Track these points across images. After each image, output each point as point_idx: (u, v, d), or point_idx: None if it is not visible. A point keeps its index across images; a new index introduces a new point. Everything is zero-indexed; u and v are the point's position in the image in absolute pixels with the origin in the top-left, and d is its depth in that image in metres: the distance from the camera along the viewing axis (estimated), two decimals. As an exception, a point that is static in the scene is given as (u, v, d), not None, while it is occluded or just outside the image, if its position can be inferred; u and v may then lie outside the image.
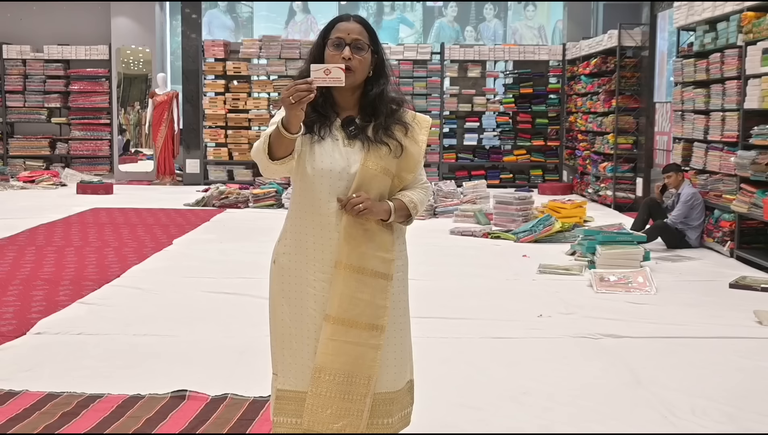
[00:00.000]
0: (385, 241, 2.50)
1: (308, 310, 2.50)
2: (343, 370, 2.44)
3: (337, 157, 2.45)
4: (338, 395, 2.43)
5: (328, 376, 2.44)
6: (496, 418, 3.50)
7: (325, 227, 2.47)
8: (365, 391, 2.46)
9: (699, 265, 7.08)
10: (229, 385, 3.82)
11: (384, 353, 2.50)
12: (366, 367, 2.46)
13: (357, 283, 2.45)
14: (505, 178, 13.98)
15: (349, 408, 2.44)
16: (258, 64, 14.04)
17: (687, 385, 3.96)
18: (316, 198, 2.46)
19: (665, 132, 10.60)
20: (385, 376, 2.51)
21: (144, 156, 15.18)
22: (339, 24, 2.47)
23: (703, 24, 8.23)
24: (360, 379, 2.45)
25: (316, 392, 2.44)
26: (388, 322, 2.50)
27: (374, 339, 2.47)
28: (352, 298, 2.44)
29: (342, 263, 2.45)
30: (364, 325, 2.45)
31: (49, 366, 4.16)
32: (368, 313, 2.46)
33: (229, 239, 8.17)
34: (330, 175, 2.44)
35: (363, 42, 2.45)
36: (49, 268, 6.60)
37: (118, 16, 14.59)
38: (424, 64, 14.02)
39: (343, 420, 2.44)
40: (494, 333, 4.81)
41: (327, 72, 2.23)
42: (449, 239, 8.44)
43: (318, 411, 2.44)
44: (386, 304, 2.49)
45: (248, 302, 5.44)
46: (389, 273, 2.50)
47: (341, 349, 2.44)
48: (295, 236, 2.52)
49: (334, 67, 2.24)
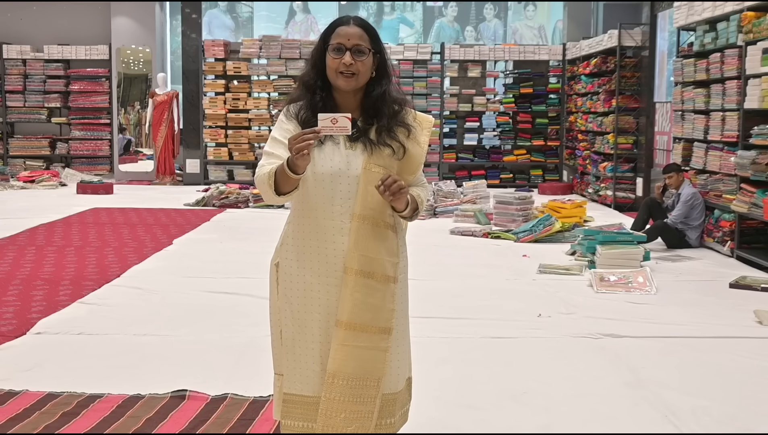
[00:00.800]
0: (392, 244, 2.51)
1: (313, 315, 2.49)
2: (356, 374, 2.44)
3: (337, 160, 2.44)
4: (351, 399, 2.44)
5: (341, 381, 2.44)
6: (496, 418, 3.50)
7: (327, 231, 2.46)
8: (375, 393, 2.47)
9: (699, 265, 7.08)
10: (229, 385, 3.82)
11: (396, 350, 2.52)
12: (376, 369, 2.47)
13: (367, 288, 2.45)
14: (505, 178, 13.98)
15: (360, 411, 2.45)
16: (258, 64, 14.04)
17: (687, 385, 3.96)
18: (318, 202, 2.46)
19: (665, 132, 10.60)
20: (389, 377, 2.52)
21: (144, 156, 15.18)
22: (339, 28, 2.45)
23: (703, 24, 8.22)
24: (371, 381, 2.46)
25: (330, 397, 2.44)
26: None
27: (384, 342, 2.48)
28: (364, 304, 2.44)
29: (352, 269, 2.44)
30: (375, 329, 2.46)
31: (49, 366, 4.16)
32: (378, 317, 2.47)
33: (229, 239, 8.17)
34: (331, 178, 2.43)
35: (364, 46, 2.44)
36: (49, 268, 6.60)
37: (118, 16, 14.59)
38: (424, 64, 14.02)
39: (355, 423, 2.45)
40: (494, 333, 4.81)
41: (334, 121, 2.27)
42: (449, 239, 8.44)
43: (332, 416, 2.44)
44: (394, 306, 2.51)
45: (248, 302, 5.44)
46: (396, 275, 2.52)
47: (353, 354, 2.44)
48: (296, 241, 2.51)
49: (341, 116, 2.27)
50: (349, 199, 2.44)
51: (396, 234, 2.54)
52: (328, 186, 2.44)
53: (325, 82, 2.49)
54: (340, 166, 2.44)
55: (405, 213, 2.47)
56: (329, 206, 2.44)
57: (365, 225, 2.44)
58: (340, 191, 2.44)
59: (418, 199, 2.52)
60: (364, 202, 2.44)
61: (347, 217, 2.44)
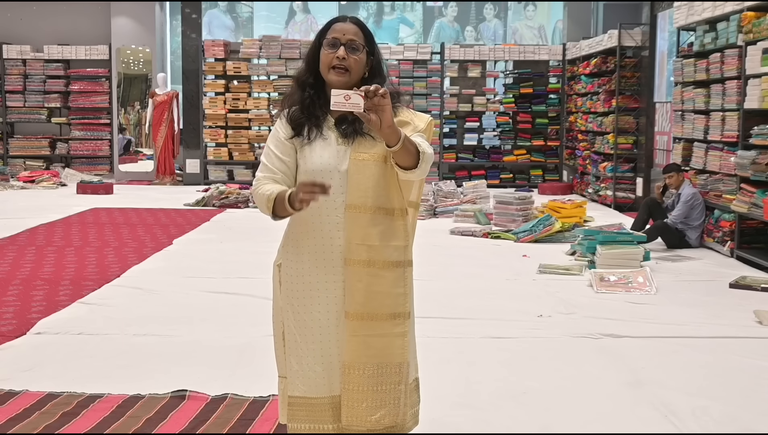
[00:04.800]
0: (392, 228, 2.47)
1: (313, 314, 2.49)
2: (372, 362, 2.44)
3: (326, 157, 2.45)
4: (370, 388, 2.43)
5: (357, 371, 2.44)
6: (496, 418, 3.50)
7: (324, 227, 2.46)
8: (398, 379, 2.46)
9: (699, 265, 7.08)
10: (229, 385, 3.81)
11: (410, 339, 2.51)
12: (395, 355, 2.46)
13: (370, 276, 2.43)
14: (505, 178, 13.98)
15: (383, 399, 2.44)
16: (258, 64, 14.04)
17: (687, 385, 3.96)
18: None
19: (665, 132, 10.61)
20: (413, 364, 2.53)
21: (144, 156, 15.18)
22: (335, 24, 2.46)
23: (703, 24, 8.22)
24: (390, 368, 2.45)
25: (348, 388, 2.44)
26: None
27: (399, 327, 2.47)
28: (368, 292, 2.43)
29: (351, 260, 2.44)
30: (385, 315, 2.45)
31: (49, 366, 4.16)
32: (387, 303, 2.46)
33: (229, 239, 8.17)
34: (321, 175, 2.43)
35: (358, 42, 2.44)
36: (49, 268, 6.60)
37: (118, 16, 14.59)
38: (424, 64, 14.02)
39: (380, 411, 2.44)
40: (494, 333, 4.81)
41: (347, 97, 2.23)
42: (449, 239, 8.44)
43: (354, 406, 2.44)
44: (405, 290, 2.49)
45: (248, 302, 5.44)
46: (405, 259, 2.50)
47: (366, 343, 2.44)
48: (296, 241, 2.52)
49: (354, 93, 2.23)
50: (342, 194, 2.44)
51: (395, 217, 2.48)
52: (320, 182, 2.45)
53: (317, 79, 2.49)
54: (330, 161, 2.44)
55: (396, 147, 2.27)
56: (323, 203, 2.43)
57: (358, 214, 2.42)
58: (332, 187, 2.44)
59: (419, 147, 2.34)
60: (355, 190, 2.42)
61: (341, 212, 2.44)
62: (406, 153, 2.30)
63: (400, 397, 2.46)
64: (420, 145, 2.34)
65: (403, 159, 2.32)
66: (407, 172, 2.35)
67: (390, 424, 2.46)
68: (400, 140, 2.25)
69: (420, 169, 2.35)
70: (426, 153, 2.34)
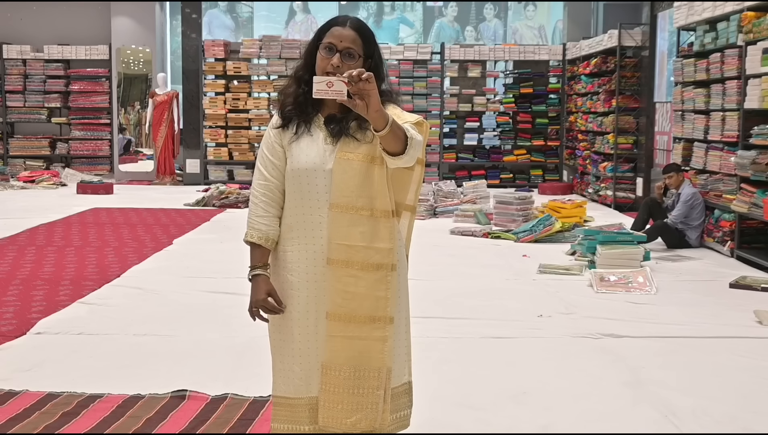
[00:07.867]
0: (375, 229, 2.44)
1: (292, 314, 2.49)
2: (348, 364, 2.43)
3: (312, 155, 2.44)
4: (347, 390, 2.43)
5: (334, 372, 2.43)
6: (496, 418, 3.49)
7: (308, 226, 2.46)
8: (376, 384, 2.44)
9: (699, 265, 7.08)
10: (229, 385, 3.82)
11: (396, 345, 2.49)
12: (374, 359, 2.44)
13: (348, 277, 2.42)
14: (505, 178, 13.98)
15: (360, 402, 2.43)
16: (258, 64, 14.04)
17: (687, 385, 3.96)
18: (296, 198, 2.47)
19: (665, 132, 10.60)
20: (396, 369, 2.51)
21: (144, 156, 15.18)
22: (334, 28, 2.42)
23: (703, 24, 8.22)
24: (368, 372, 2.43)
25: (326, 389, 2.44)
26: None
27: (378, 331, 2.44)
28: (346, 293, 2.42)
29: (332, 259, 2.44)
30: (363, 318, 2.43)
31: (49, 366, 4.16)
32: (366, 306, 2.43)
33: (229, 239, 8.16)
34: (307, 173, 2.44)
35: (354, 51, 2.40)
36: (49, 268, 6.60)
37: (118, 16, 14.59)
38: (424, 64, 14.02)
39: (356, 414, 2.43)
40: (494, 333, 4.81)
41: (330, 84, 2.19)
42: (449, 239, 8.44)
43: (330, 407, 2.43)
44: (387, 294, 2.45)
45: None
46: (388, 262, 2.45)
47: (342, 345, 2.43)
48: (282, 241, 2.52)
49: (337, 79, 2.19)
50: (326, 193, 2.44)
51: (380, 219, 2.44)
52: (305, 181, 2.44)
53: (312, 76, 2.48)
54: (316, 160, 2.44)
55: (384, 131, 2.23)
56: (307, 201, 2.44)
57: (340, 213, 2.41)
58: (316, 186, 2.43)
59: (407, 132, 2.30)
60: (339, 190, 2.41)
61: (325, 211, 2.44)
62: (394, 138, 2.26)
63: (379, 403, 2.44)
64: (408, 130, 2.31)
65: (391, 144, 2.28)
66: (395, 159, 2.32)
67: (367, 429, 2.44)
68: (388, 124, 2.22)
69: (408, 155, 2.31)
70: (414, 138, 2.30)
